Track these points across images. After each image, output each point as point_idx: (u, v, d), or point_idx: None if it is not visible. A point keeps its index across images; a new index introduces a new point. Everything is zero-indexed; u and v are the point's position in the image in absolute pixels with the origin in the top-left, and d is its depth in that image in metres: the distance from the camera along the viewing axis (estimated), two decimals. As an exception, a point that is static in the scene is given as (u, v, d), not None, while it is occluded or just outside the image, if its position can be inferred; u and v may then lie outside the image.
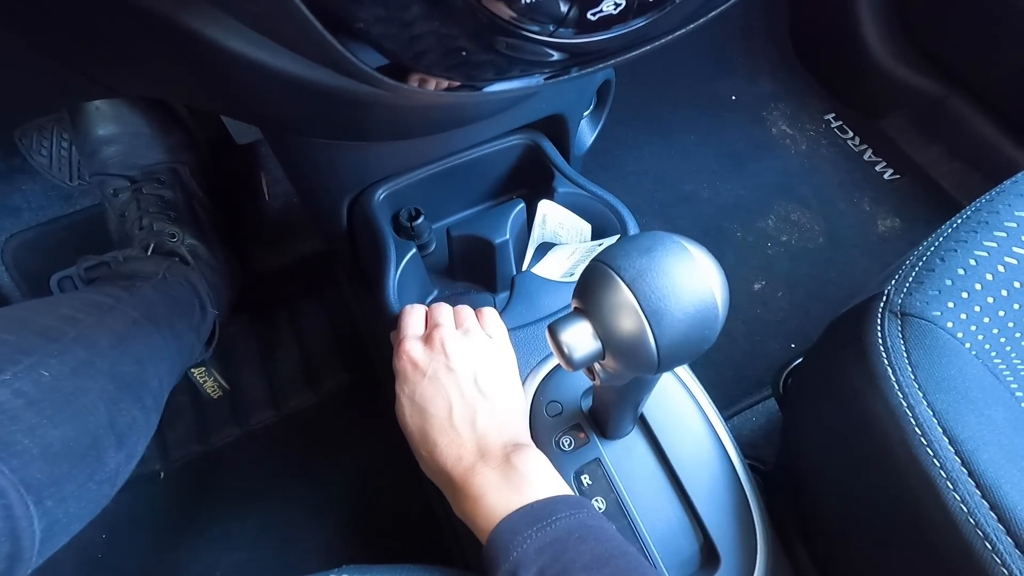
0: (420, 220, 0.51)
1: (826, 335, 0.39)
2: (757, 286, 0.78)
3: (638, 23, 0.23)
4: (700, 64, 0.96)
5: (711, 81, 0.95)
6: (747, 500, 0.38)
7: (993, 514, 0.27)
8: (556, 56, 0.22)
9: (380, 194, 0.50)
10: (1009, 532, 0.27)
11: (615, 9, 0.21)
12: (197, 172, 0.67)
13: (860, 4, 0.87)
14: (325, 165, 0.46)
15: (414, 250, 0.50)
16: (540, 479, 0.33)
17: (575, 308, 0.25)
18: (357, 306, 0.76)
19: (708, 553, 0.36)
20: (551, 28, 0.21)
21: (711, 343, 0.24)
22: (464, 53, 0.20)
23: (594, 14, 0.21)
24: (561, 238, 0.54)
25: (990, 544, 0.27)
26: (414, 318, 0.41)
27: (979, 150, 0.77)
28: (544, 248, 0.53)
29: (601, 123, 0.65)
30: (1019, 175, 0.38)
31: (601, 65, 0.25)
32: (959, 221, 0.37)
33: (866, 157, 0.88)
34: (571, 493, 0.33)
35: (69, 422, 0.34)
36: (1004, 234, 0.35)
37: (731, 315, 0.78)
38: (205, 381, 0.65)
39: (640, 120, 0.90)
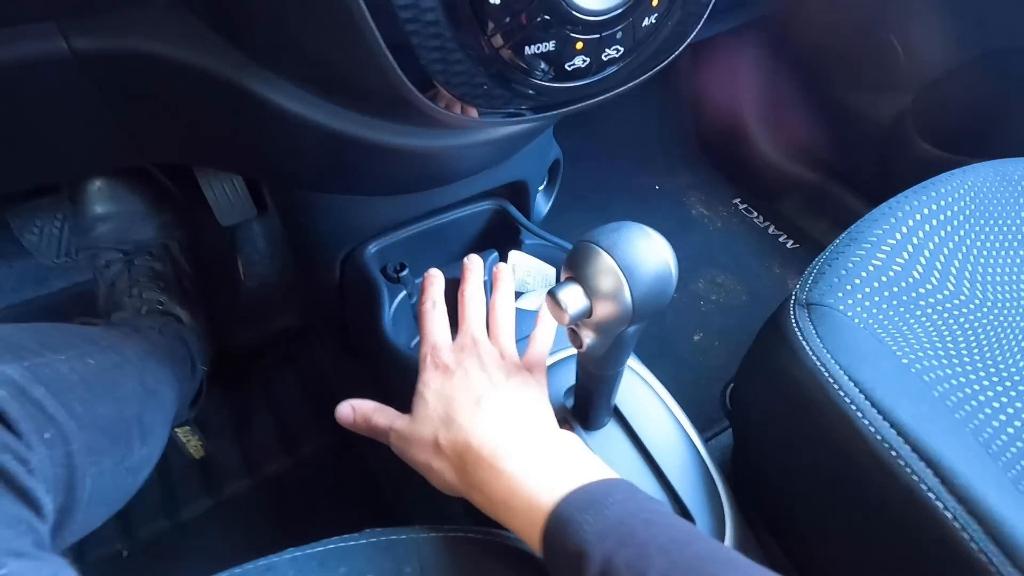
0: (405, 272, 0.59)
1: (756, 339, 0.48)
2: (696, 338, 0.88)
3: (595, 77, 0.33)
4: (629, 161, 1.13)
5: (638, 175, 1.12)
6: (711, 473, 0.44)
7: (893, 430, 0.35)
8: (540, 95, 0.32)
9: (371, 248, 0.58)
10: (907, 441, 0.34)
11: (582, 64, 0.31)
12: (185, 249, 0.72)
13: (747, 114, 1.08)
14: (327, 221, 0.54)
15: (403, 293, 0.56)
16: (585, 461, 0.32)
17: (567, 277, 0.33)
18: (333, 371, 0.79)
19: (683, 517, 0.41)
20: (542, 74, 0.31)
21: (668, 298, 0.32)
22: (485, 87, 0.30)
23: (570, 66, 0.31)
24: (528, 286, 0.62)
25: (894, 452, 0.34)
26: (438, 323, 0.42)
27: (854, 220, 0.95)
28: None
29: (553, 196, 0.76)
30: (874, 210, 0.51)
31: (571, 108, 0.35)
32: (838, 241, 0.48)
33: (770, 231, 1.05)
34: (618, 476, 0.31)
35: (110, 405, 0.37)
36: (869, 245, 0.47)
37: (678, 364, 0.88)
38: (189, 440, 0.65)
39: (583, 205, 1.04)
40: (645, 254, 0.31)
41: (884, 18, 0.85)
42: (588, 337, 0.34)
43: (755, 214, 1.08)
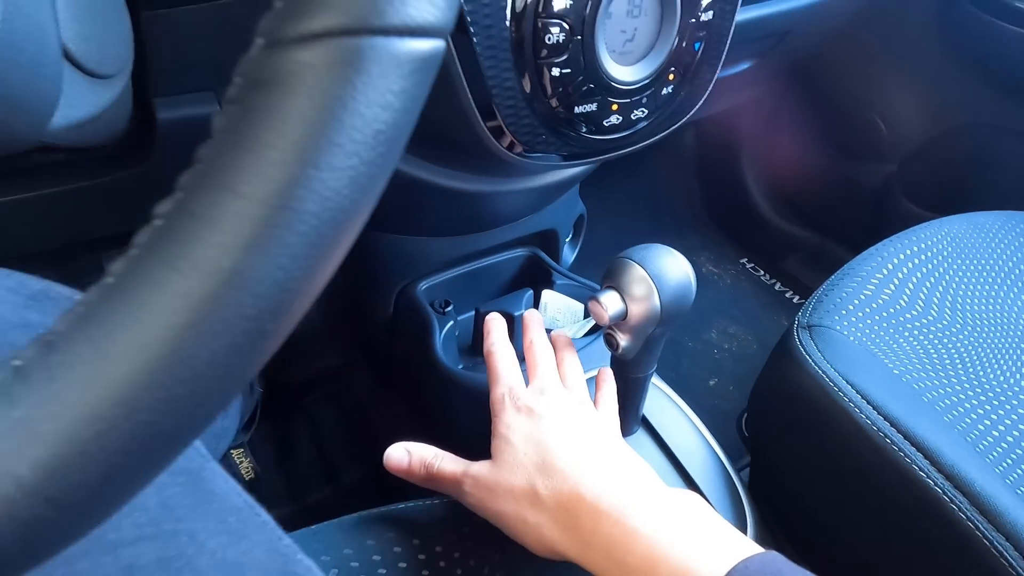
0: (450, 308, 0.66)
1: (767, 363, 0.55)
2: (712, 383, 0.94)
3: (625, 132, 0.42)
4: (643, 225, 1.23)
5: (652, 236, 1.21)
6: (739, 490, 0.49)
7: (887, 422, 0.41)
8: (584, 144, 0.41)
9: (422, 286, 0.66)
10: (899, 431, 0.40)
11: (616, 121, 0.41)
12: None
13: (749, 181, 1.19)
14: (389, 259, 0.62)
15: (451, 323, 0.64)
16: (726, 528, 0.29)
17: (606, 286, 0.40)
18: (372, 407, 0.85)
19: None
20: (586, 128, 0.40)
21: (690, 303, 0.40)
22: (543, 136, 0.39)
23: (606, 123, 0.40)
24: (559, 322, 0.69)
25: (889, 440, 0.40)
26: (509, 363, 0.40)
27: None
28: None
29: (577, 248, 0.85)
30: (865, 251, 0.59)
31: (609, 156, 0.44)
32: (833, 276, 0.56)
33: (776, 288, 1.12)
34: (756, 547, 0.28)
35: None
36: (859, 278, 0.54)
37: (695, 406, 0.92)
38: (242, 462, 0.70)
39: (603, 262, 1.13)
40: (670, 266, 0.39)
41: (867, 100, 0.97)
42: (623, 339, 0.41)
43: (761, 272, 1.16)
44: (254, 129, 0.10)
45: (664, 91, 0.41)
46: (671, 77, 0.41)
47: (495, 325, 0.44)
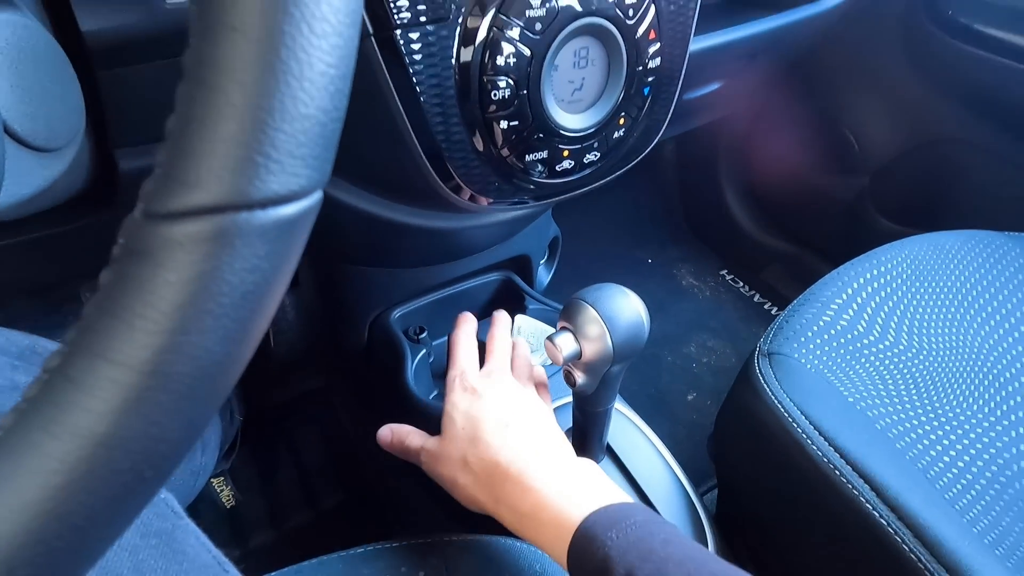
0: (424, 334, 0.67)
1: (732, 386, 0.56)
2: (690, 397, 0.95)
3: (579, 175, 0.43)
4: (622, 238, 1.24)
5: (632, 249, 1.23)
6: (697, 510, 0.50)
7: (837, 454, 0.42)
8: (537, 189, 0.42)
9: (396, 314, 0.67)
10: (848, 463, 0.41)
11: (569, 166, 0.42)
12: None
13: (728, 194, 1.21)
14: (361, 290, 0.63)
15: (423, 351, 0.65)
16: (605, 484, 0.35)
17: (561, 327, 0.41)
18: (352, 431, 0.86)
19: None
20: (538, 173, 0.41)
21: (643, 343, 0.41)
22: (496, 184, 0.40)
23: (559, 168, 0.41)
24: (532, 345, 0.70)
25: (838, 471, 0.41)
26: (467, 351, 0.46)
27: (830, 287, 1.04)
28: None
29: (553, 269, 0.86)
30: (826, 276, 0.60)
31: (562, 197, 0.45)
32: (795, 302, 0.57)
33: (755, 299, 1.14)
34: (628, 499, 0.34)
35: None
36: (820, 304, 0.55)
37: (672, 421, 0.94)
38: (222, 490, 0.71)
39: (581, 278, 1.13)
40: (622, 307, 0.40)
41: (839, 116, 0.98)
42: (580, 377, 0.42)
43: (741, 284, 1.17)
44: (126, 299, 0.11)
45: (616, 135, 0.42)
46: (622, 121, 0.42)
47: (465, 321, 0.51)
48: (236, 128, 0.11)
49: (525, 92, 0.36)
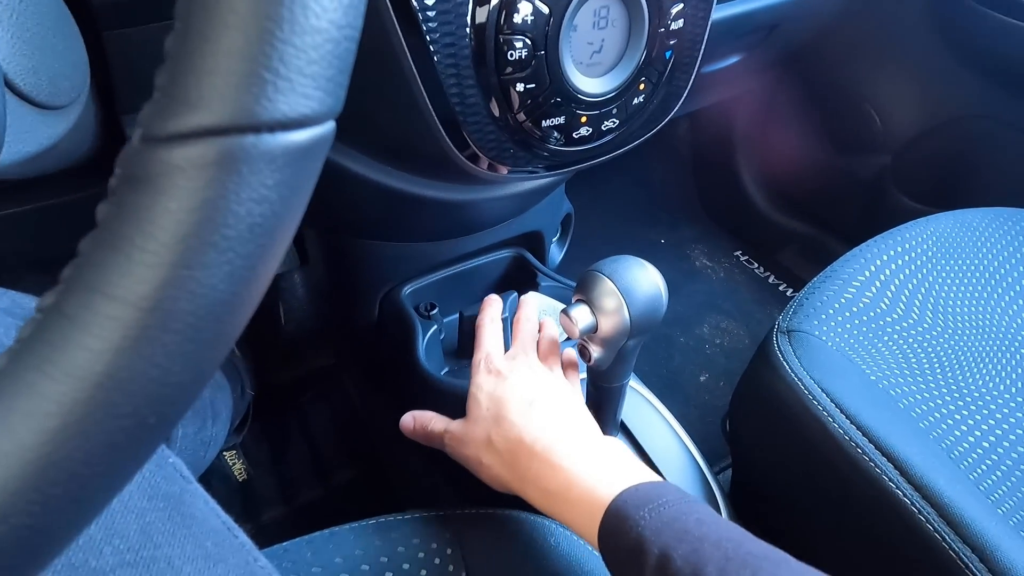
0: (435, 311, 0.66)
1: (748, 365, 0.55)
2: (702, 378, 0.94)
3: (597, 143, 0.42)
4: (635, 217, 1.23)
5: (645, 229, 1.21)
6: (712, 488, 0.50)
7: (859, 432, 0.41)
8: (554, 157, 0.41)
9: (407, 289, 0.66)
10: (870, 440, 0.40)
11: (586, 133, 0.40)
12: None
13: (743, 173, 1.18)
14: (371, 264, 0.62)
15: (434, 327, 0.64)
16: (634, 463, 0.34)
17: (577, 299, 0.40)
18: (362, 407, 0.86)
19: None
20: (555, 140, 0.39)
21: (661, 316, 0.40)
22: (511, 151, 0.39)
23: (576, 135, 0.40)
24: (544, 323, 0.69)
25: (860, 449, 0.40)
26: (493, 334, 0.45)
27: (848, 268, 1.02)
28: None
29: (565, 247, 0.85)
30: (848, 252, 0.58)
31: (580, 166, 0.44)
32: (815, 279, 0.56)
33: (770, 280, 1.12)
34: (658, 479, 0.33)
35: None
36: (842, 281, 0.54)
37: (684, 402, 0.93)
38: (235, 464, 0.71)
39: (593, 257, 1.12)
40: (640, 279, 0.38)
41: (862, 91, 0.95)
42: (595, 351, 0.41)
43: (755, 264, 1.15)
44: (126, 229, 0.10)
45: (636, 100, 0.41)
46: (642, 87, 0.40)
47: (490, 304, 0.49)
48: (240, 40, 0.10)
49: (543, 53, 0.34)
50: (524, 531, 0.38)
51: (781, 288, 1.10)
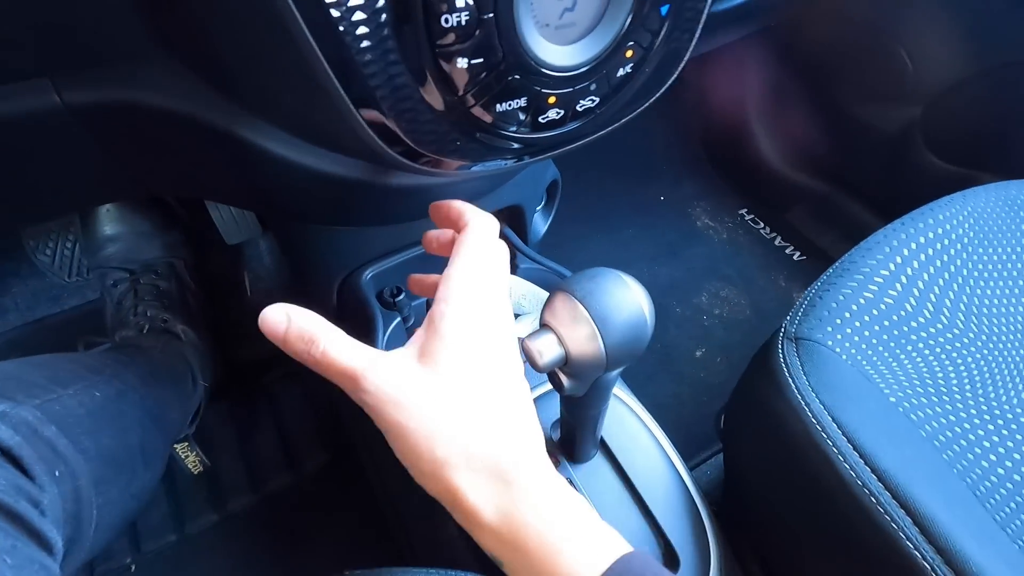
0: (401, 296, 0.59)
1: (747, 369, 0.48)
2: (698, 353, 0.88)
3: (571, 126, 0.33)
4: (633, 171, 1.13)
5: (643, 185, 1.11)
6: (697, 507, 0.44)
7: (874, 476, 0.35)
8: (517, 146, 0.33)
9: (367, 274, 0.58)
10: (887, 488, 0.34)
11: (556, 116, 0.32)
12: (191, 267, 0.74)
13: (754, 122, 1.07)
14: (324, 249, 0.55)
15: (398, 319, 0.57)
16: (598, 527, 0.26)
17: (543, 324, 0.33)
18: (335, 387, 0.80)
19: (669, 557, 0.42)
20: (516, 127, 0.31)
21: (644, 346, 0.33)
22: (458, 143, 0.30)
23: (543, 119, 0.31)
24: (524, 308, 0.62)
25: (875, 498, 0.34)
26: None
27: (862, 232, 0.93)
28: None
29: (551, 216, 0.77)
30: (869, 237, 0.50)
31: (551, 154, 0.35)
32: (830, 271, 0.48)
33: (776, 243, 1.04)
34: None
35: (115, 436, 0.39)
36: (861, 276, 0.46)
37: (678, 381, 0.87)
38: (187, 456, 0.67)
39: (585, 217, 1.04)
40: (619, 303, 0.31)
41: (894, 30, 0.83)
42: (567, 382, 0.35)
43: (762, 225, 1.07)
44: None
45: (620, 72, 0.32)
46: (629, 54, 0.31)
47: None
48: None
49: (491, 15, 0.26)
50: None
51: (788, 251, 1.02)
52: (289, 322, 0.27)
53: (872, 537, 0.34)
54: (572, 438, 0.43)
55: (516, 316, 0.62)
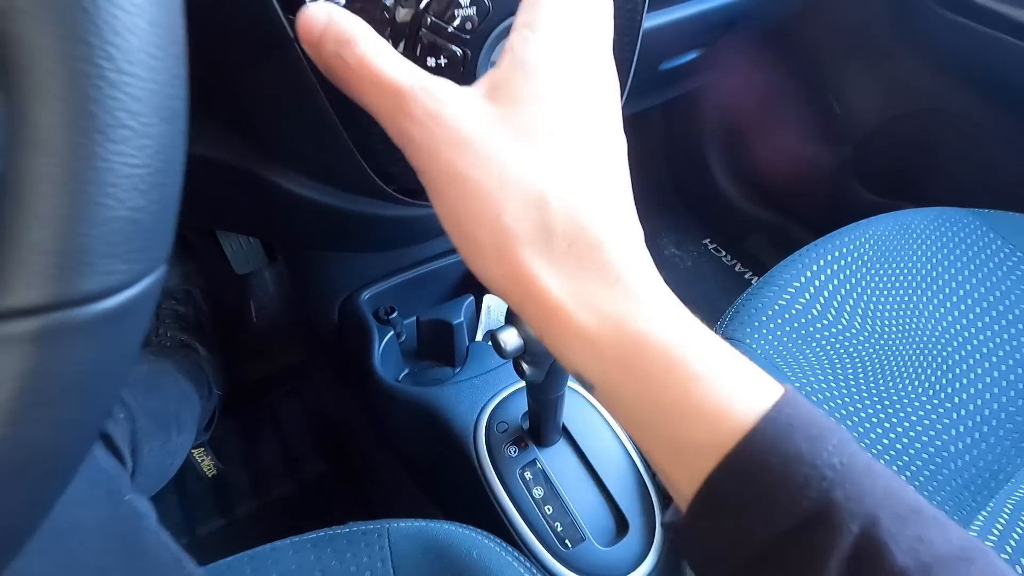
0: (394, 314, 0.68)
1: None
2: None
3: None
4: (605, 206, 1.23)
5: (615, 218, 1.22)
6: (647, 485, 0.52)
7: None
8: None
9: (366, 295, 0.67)
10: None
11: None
12: (205, 294, 0.83)
13: (713, 163, 1.19)
14: (329, 273, 0.64)
15: (391, 334, 0.66)
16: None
17: (507, 321, 0.42)
18: (333, 403, 0.88)
19: (620, 523, 0.49)
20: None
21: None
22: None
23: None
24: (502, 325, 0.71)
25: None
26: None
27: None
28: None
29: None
30: (789, 256, 0.60)
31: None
32: (755, 284, 0.58)
33: (737, 269, 1.14)
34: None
35: (158, 400, 0.49)
36: (778, 287, 0.56)
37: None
38: (203, 460, 0.74)
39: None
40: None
41: (823, 80, 0.96)
42: (528, 369, 0.43)
43: (723, 253, 1.17)
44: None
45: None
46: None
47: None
48: (42, 236, 0.11)
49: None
50: (451, 544, 0.40)
51: (747, 276, 1.12)
52: (328, 21, 0.20)
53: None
54: (538, 424, 0.52)
55: (493, 332, 0.71)
